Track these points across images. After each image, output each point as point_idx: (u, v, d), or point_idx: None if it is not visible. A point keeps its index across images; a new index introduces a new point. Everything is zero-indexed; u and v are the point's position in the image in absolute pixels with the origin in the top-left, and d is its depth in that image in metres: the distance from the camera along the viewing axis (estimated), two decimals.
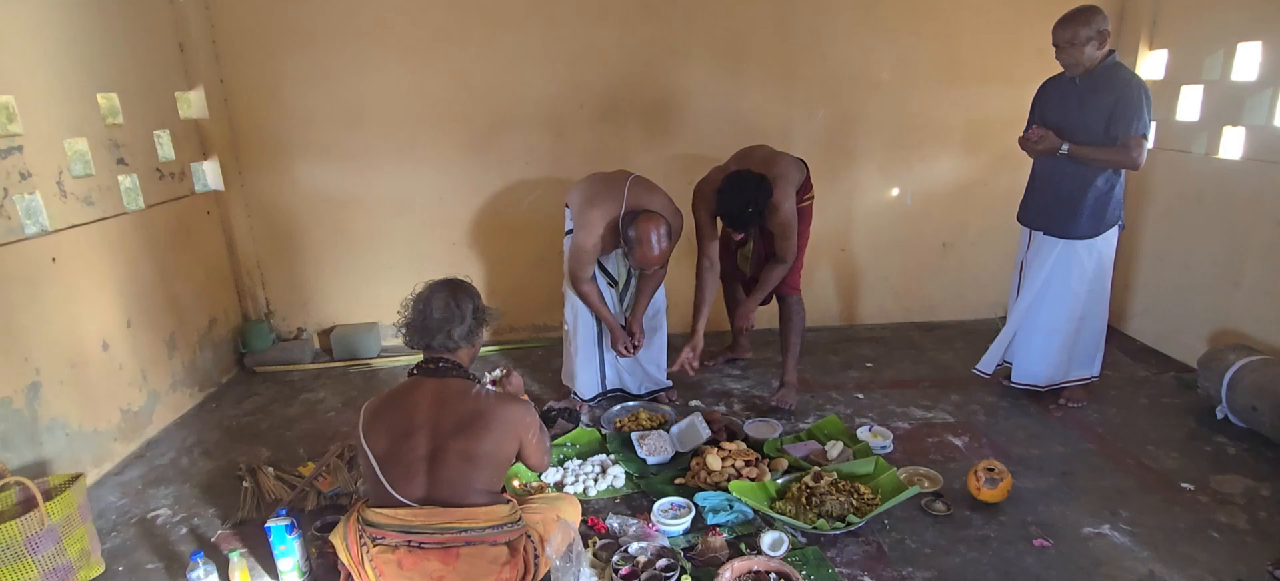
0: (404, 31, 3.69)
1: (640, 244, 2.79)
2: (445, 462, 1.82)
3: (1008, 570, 2.19)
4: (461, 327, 1.95)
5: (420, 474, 1.82)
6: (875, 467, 2.58)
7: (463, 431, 1.84)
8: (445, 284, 2.01)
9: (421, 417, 1.86)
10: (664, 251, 2.83)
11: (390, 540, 1.80)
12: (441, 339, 1.94)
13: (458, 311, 1.94)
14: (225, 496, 2.71)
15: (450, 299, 1.95)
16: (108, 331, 2.96)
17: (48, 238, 2.69)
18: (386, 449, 1.84)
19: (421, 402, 1.88)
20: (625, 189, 2.92)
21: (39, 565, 2.08)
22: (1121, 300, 3.93)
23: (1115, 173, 2.87)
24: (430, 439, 1.84)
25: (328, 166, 3.88)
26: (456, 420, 1.85)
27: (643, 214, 2.82)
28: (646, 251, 2.79)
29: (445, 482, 1.82)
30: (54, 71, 2.79)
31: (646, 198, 2.92)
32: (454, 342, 1.95)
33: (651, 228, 2.78)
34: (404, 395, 1.92)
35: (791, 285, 3.26)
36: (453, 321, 1.93)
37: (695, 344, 3.15)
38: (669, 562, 2.12)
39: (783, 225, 2.95)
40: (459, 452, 1.83)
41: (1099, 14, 2.72)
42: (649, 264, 2.87)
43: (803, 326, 3.33)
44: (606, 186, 2.98)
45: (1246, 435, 2.91)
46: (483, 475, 1.86)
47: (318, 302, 4.13)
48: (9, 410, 2.47)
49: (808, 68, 3.90)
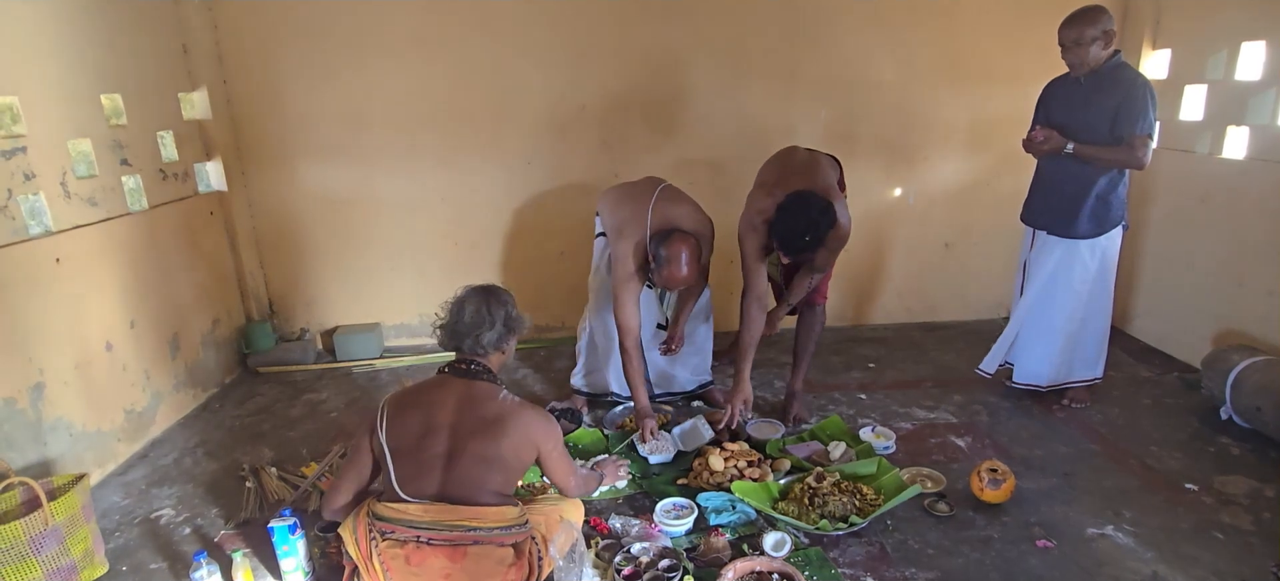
0: (406, 33, 3.69)
1: (669, 263, 2.69)
2: (462, 462, 1.85)
3: (1010, 571, 2.19)
4: (491, 333, 1.99)
5: (436, 470, 1.85)
6: (878, 468, 2.58)
7: (483, 433, 1.88)
8: (481, 290, 2.05)
9: (444, 416, 1.90)
10: (692, 272, 2.75)
11: (399, 535, 1.81)
12: (470, 342, 1.99)
13: (488, 317, 1.99)
14: (228, 496, 2.71)
15: (483, 304, 2.00)
16: (111, 332, 2.97)
17: (52, 238, 2.70)
18: (403, 442, 1.88)
19: (447, 401, 1.92)
20: (650, 207, 2.83)
21: (43, 565, 2.09)
22: (1125, 300, 3.92)
23: (1119, 173, 2.86)
24: (450, 437, 1.88)
25: (330, 167, 3.88)
26: (478, 422, 1.89)
27: (674, 234, 2.73)
28: (674, 272, 2.70)
29: (460, 481, 1.84)
30: (58, 73, 2.80)
31: (674, 212, 2.83)
32: (483, 347, 2.00)
33: (682, 249, 2.69)
34: (430, 391, 1.96)
35: (822, 293, 3.18)
36: (482, 326, 1.98)
37: (743, 392, 2.89)
38: (671, 563, 2.12)
39: (837, 239, 2.74)
40: (476, 454, 1.86)
41: (1105, 14, 2.71)
42: (674, 285, 2.79)
43: (820, 335, 3.25)
44: (633, 207, 2.89)
45: (1250, 435, 2.90)
46: (497, 477, 1.89)
47: (320, 303, 4.14)
48: (13, 410, 2.47)
49: (810, 68, 3.90)
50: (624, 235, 2.86)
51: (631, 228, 2.85)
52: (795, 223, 2.59)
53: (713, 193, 3.76)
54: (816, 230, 2.59)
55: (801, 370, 3.25)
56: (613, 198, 3.08)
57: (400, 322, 4.19)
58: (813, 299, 3.17)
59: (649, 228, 2.81)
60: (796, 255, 2.74)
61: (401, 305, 4.16)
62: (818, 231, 2.59)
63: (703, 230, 2.88)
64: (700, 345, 3.29)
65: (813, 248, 2.64)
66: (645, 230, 2.81)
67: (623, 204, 2.98)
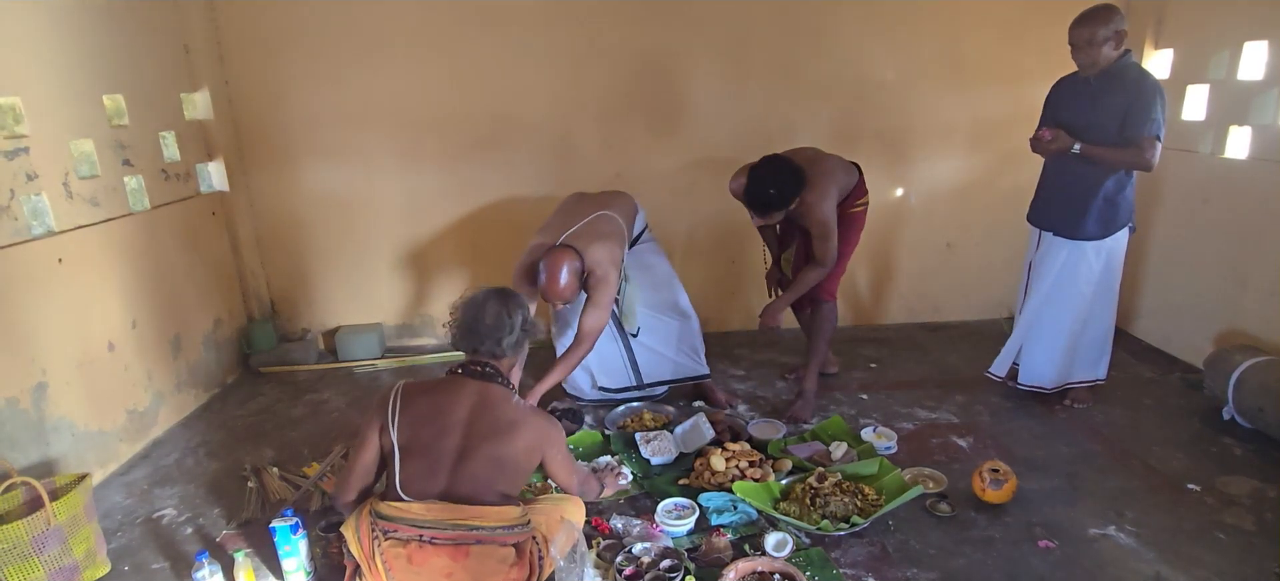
0: (408, 34, 3.69)
1: (539, 273, 2.72)
2: (472, 462, 1.87)
3: (1013, 571, 2.18)
4: (510, 337, 2.00)
5: (445, 469, 1.86)
6: (879, 468, 2.57)
7: (496, 436, 1.89)
8: (498, 292, 2.05)
9: (459, 415, 1.91)
10: (560, 291, 2.70)
11: (402, 534, 1.81)
12: (490, 345, 1.99)
13: (508, 321, 1.99)
14: (230, 496, 2.72)
15: (502, 308, 2.00)
16: (113, 332, 2.98)
17: (54, 238, 2.71)
18: (415, 439, 1.88)
19: (462, 401, 1.93)
20: (574, 228, 2.79)
21: (45, 565, 2.09)
22: (1127, 300, 3.91)
23: (1127, 174, 2.85)
24: (464, 436, 1.89)
25: (332, 167, 3.89)
26: (492, 424, 1.90)
27: (562, 249, 2.72)
28: (544, 283, 2.70)
29: (467, 480, 1.86)
30: (60, 73, 2.81)
31: (588, 240, 2.76)
32: (501, 350, 2.00)
33: (562, 262, 2.67)
34: (444, 390, 1.96)
35: (827, 291, 3.17)
36: (502, 329, 1.98)
37: (773, 313, 3.14)
38: (673, 563, 2.12)
39: (819, 225, 2.86)
40: (488, 455, 1.88)
41: (1117, 13, 2.69)
42: (548, 298, 2.75)
43: (831, 334, 3.24)
44: (562, 218, 2.89)
45: (1253, 436, 2.89)
46: (506, 479, 1.91)
47: (322, 303, 4.14)
48: (16, 410, 2.48)
49: (811, 68, 3.90)
50: (538, 234, 2.89)
51: (548, 233, 2.85)
52: (760, 175, 2.79)
53: (714, 192, 3.77)
54: (781, 185, 2.76)
55: (812, 368, 3.24)
56: (560, 204, 3.11)
57: (402, 323, 4.20)
58: (820, 296, 3.16)
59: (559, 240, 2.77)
60: (762, 211, 2.88)
61: (403, 305, 4.17)
62: (782, 187, 2.77)
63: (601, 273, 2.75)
64: (690, 338, 3.25)
65: (778, 204, 2.81)
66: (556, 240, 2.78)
67: (558, 210, 3.03)
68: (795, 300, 3.17)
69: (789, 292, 3.14)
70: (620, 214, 2.96)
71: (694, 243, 4.11)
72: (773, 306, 3.19)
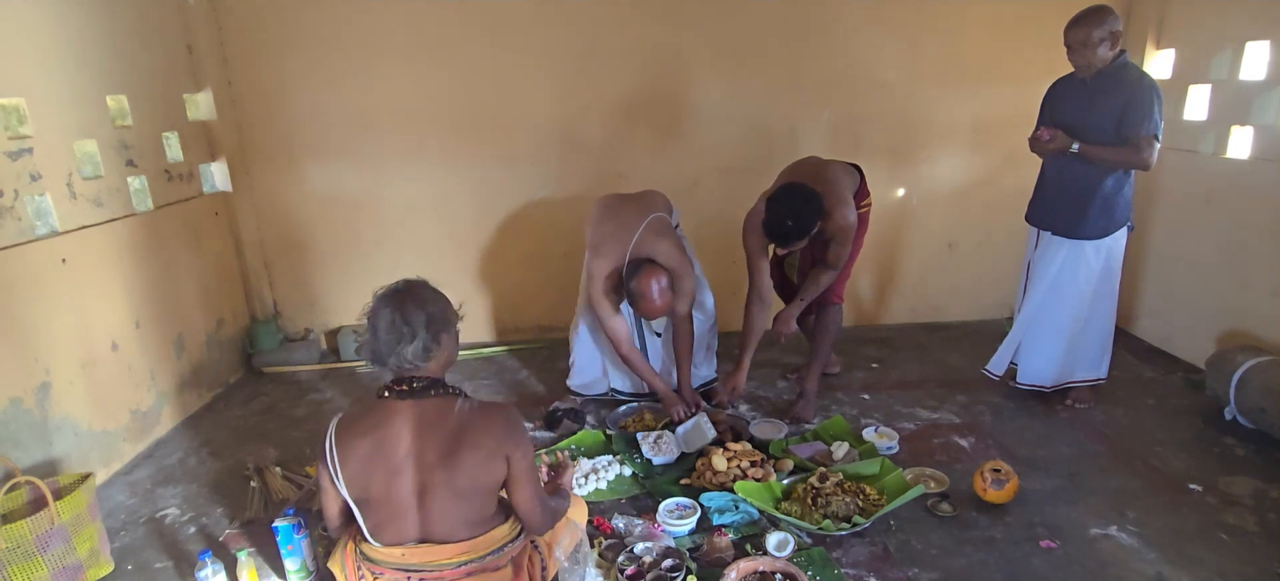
0: (412, 35, 3.70)
1: (640, 298, 2.78)
2: (435, 499, 1.66)
3: (1014, 571, 2.19)
4: (414, 345, 1.66)
5: (411, 512, 1.67)
6: (881, 468, 2.58)
7: (446, 460, 1.65)
8: (391, 295, 1.70)
9: (401, 449, 1.65)
10: (665, 303, 2.80)
11: (388, 577, 1.72)
12: (395, 360, 1.68)
13: (405, 328, 1.65)
14: (233, 496, 2.72)
15: (396, 314, 1.66)
16: (117, 332, 2.99)
17: (57, 239, 2.71)
18: (368, 492, 1.67)
19: (401, 433, 1.66)
20: (635, 237, 2.85)
21: (49, 564, 2.10)
22: (1128, 300, 3.91)
23: (1125, 173, 2.86)
24: (416, 472, 1.65)
25: (335, 168, 3.90)
26: (439, 447, 1.65)
27: (644, 266, 2.79)
28: (646, 306, 2.79)
29: (438, 520, 1.68)
30: (64, 74, 2.82)
31: (656, 246, 2.85)
32: (409, 363, 1.68)
33: (651, 281, 2.75)
34: (380, 424, 1.67)
35: (837, 293, 3.17)
36: (402, 340, 1.65)
37: (737, 382, 3.15)
38: (674, 563, 2.12)
39: (840, 230, 2.85)
40: (445, 485, 1.66)
41: (1111, 14, 2.70)
42: (649, 316, 2.88)
43: (836, 336, 3.24)
44: (615, 228, 2.92)
45: (1255, 436, 2.89)
46: (472, 508, 1.70)
47: (324, 303, 4.15)
48: (20, 410, 2.49)
49: (814, 68, 3.90)
50: (600, 254, 2.90)
51: (609, 248, 2.88)
52: (779, 209, 2.73)
53: (716, 193, 3.79)
54: (799, 217, 2.70)
55: (815, 370, 3.24)
56: (599, 210, 3.08)
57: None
58: (828, 298, 3.16)
59: (628, 256, 2.84)
60: (783, 242, 2.81)
61: None
62: (800, 219, 2.70)
63: (678, 267, 2.87)
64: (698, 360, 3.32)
65: (797, 234, 2.74)
66: (623, 259, 2.85)
67: (605, 220, 3.00)
68: None
69: (802, 294, 3.12)
70: (665, 211, 3.05)
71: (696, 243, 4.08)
72: (785, 313, 3.16)
